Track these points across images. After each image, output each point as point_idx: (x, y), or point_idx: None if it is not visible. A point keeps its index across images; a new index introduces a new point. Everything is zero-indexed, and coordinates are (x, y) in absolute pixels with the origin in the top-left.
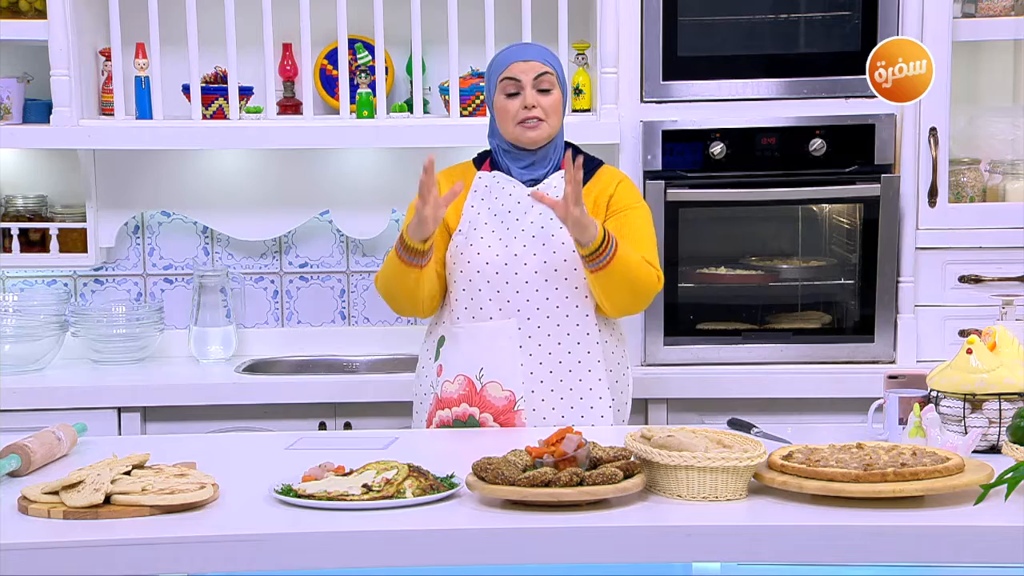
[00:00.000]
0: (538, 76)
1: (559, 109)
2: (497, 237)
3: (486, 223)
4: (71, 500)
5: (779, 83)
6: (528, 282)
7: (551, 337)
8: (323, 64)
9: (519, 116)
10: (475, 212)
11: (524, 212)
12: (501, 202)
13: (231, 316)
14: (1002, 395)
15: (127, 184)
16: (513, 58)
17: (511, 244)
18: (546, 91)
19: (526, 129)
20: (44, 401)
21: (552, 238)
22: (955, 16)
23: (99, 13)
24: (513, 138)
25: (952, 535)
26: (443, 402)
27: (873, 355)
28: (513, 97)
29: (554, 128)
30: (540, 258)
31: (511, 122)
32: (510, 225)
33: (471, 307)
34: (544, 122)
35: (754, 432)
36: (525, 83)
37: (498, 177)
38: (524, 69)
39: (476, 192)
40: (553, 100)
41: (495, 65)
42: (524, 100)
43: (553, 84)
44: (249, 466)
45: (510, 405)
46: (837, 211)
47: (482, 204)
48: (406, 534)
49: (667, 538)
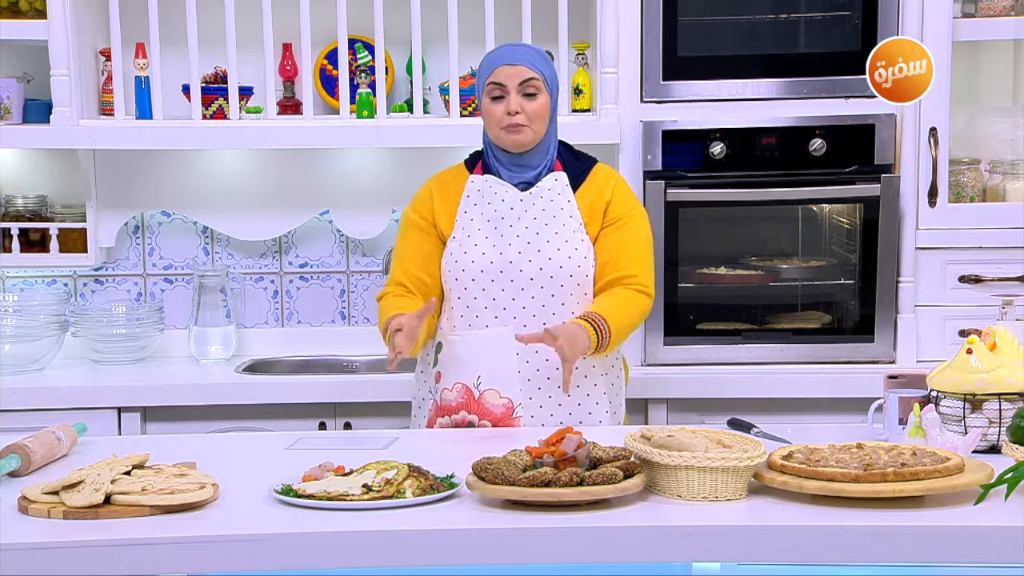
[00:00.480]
0: (523, 81)
1: (545, 114)
2: (491, 244)
3: (479, 229)
4: (71, 500)
5: (779, 83)
6: (524, 289)
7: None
8: (323, 64)
9: (503, 121)
10: (468, 218)
11: (518, 218)
12: (494, 207)
13: (231, 316)
14: (1002, 395)
15: (127, 184)
16: (500, 61)
17: (505, 251)
18: (531, 95)
19: (509, 133)
20: (44, 401)
21: (547, 244)
22: (955, 16)
23: (99, 13)
24: (497, 142)
25: (952, 535)
26: (442, 409)
27: (873, 355)
28: (498, 101)
29: (538, 133)
30: (535, 264)
31: (495, 126)
32: (504, 231)
33: (467, 315)
34: (527, 127)
35: (754, 432)
36: (510, 88)
37: (490, 181)
38: (510, 74)
39: (469, 197)
40: (538, 105)
41: (483, 67)
42: (508, 106)
43: (539, 89)
44: (249, 466)
45: (508, 412)
46: (837, 211)
47: (475, 209)
48: (406, 534)
49: (667, 538)
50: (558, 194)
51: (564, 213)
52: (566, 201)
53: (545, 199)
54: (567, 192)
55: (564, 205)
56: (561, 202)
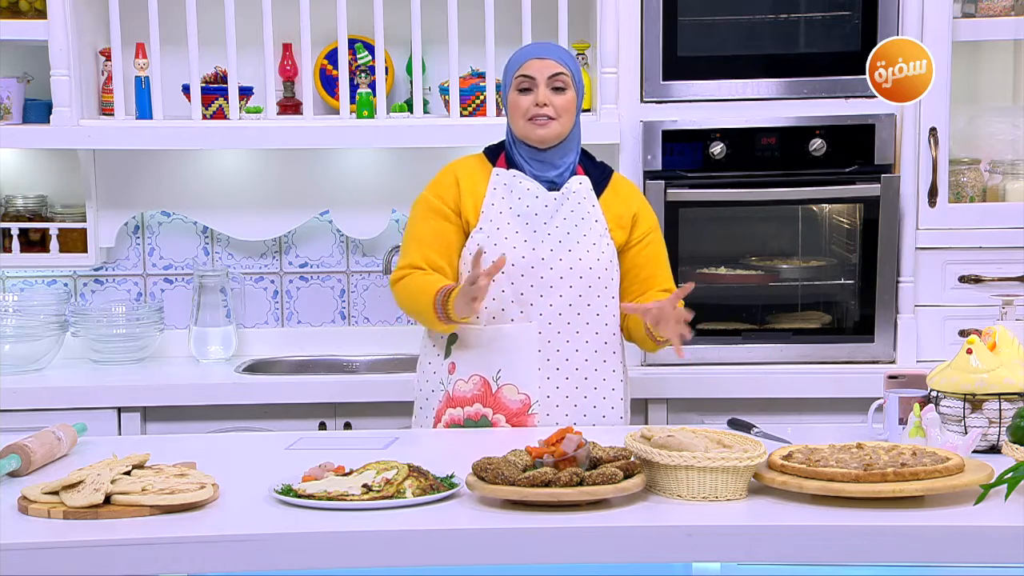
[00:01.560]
0: (553, 75)
1: (572, 109)
2: (522, 239)
3: (509, 223)
4: (71, 500)
5: (779, 83)
6: (552, 287)
7: (570, 343)
8: (323, 64)
9: (530, 112)
10: (496, 211)
11: (550, 216)
12: (525, 203)
13: (231, 316)
14: (1002, 395)
15: (127, 184)
16: (530, 55)
17: (538, 247)
18: (560, 90)
19: (536, 126)
20: (44, 401)
21: (577, 244)
22: (955, 16)
23: (99, 13)
24: (523, 134)
25: (952, 535)
26: (455, 400)
27: (873, 355)
28: (526, 93)
29: (565, 128)
30: (566, 263)
31: (522, 118)
32: (537, 228)
33: (492, 307)
34: (555, 120)
35: (754, 432)
36: (539, 81)
37: (517, 176)
38: (539, 67)
39: (496, 190)
40: (566, 100)
41: (512, 62)
42: (536, 97)
43: (568, 84)
44: (249, 466)
45: (524, 408)
46: (837, 211)
47: (503, 203)
48: (406, 534)
49: (667, 538)
50: (583, 198)
51: (591, 217)
52: (591, 205)
53: (573, 201)
54: (591, 196)
55: (590, 209)
56: (587, 206)
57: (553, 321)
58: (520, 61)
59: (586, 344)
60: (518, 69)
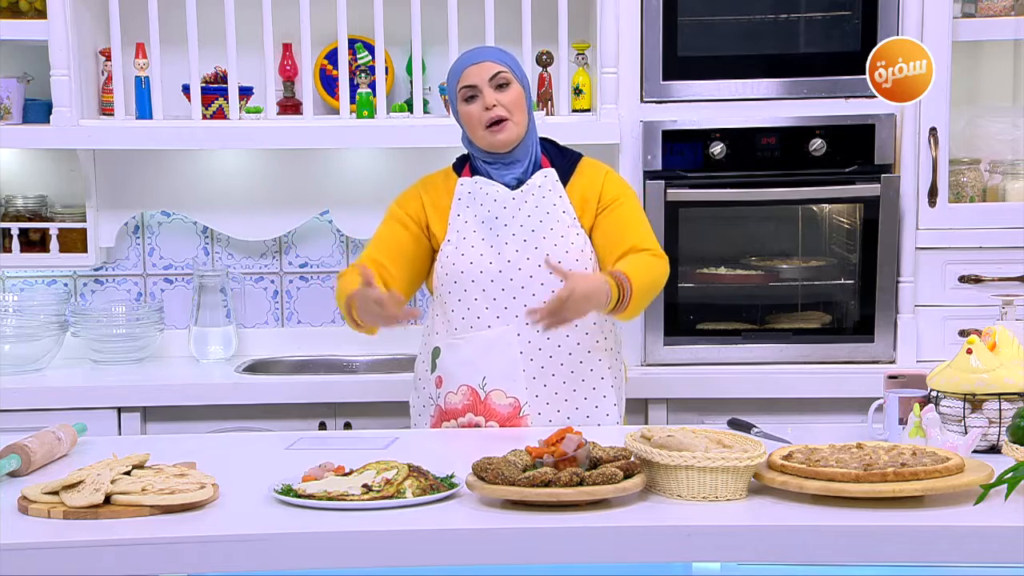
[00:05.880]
0: (493, 76)
1: (522, 104)
2: (488, 244)
3: (474, 231)
4: (71, 500)
5: (779, 83)
6: (524, 287)
7: (551, 340)
8: (323, 64)
9: (483, 119)
10: (462, 220)
11: (512, 216)
12: (487, 208)
13: (231, 316)
14: (1002, 395)
15: (127, 184)
16: (465, 64)
17: (503, 250)
18: (503, 86)
19: (495, 133)
20: (44, 401)
21: (544, 240)
22: (955, 16)
23: (99, 13)
24: (486, 144)
25: (952, 535)
26: (447, 414)
27: (873, 355)
28: (472, 101)
29: (521, 125)
30: (534, 262)
31: (479, 127)
32: (499, 231)
33: (468, 316)
34: (509, 120)
35: (754, 432)
36: (481, 85)
37: (480, 182)
38: (477, 72)
39: (460, 200)
40: (513, 95)
41: (451, 77)
42: (483, 101)
43: (510, 80)
44: (249, 466)
45: (515, 412)
46: (837, 211)
47: (468, 212)
48: (406, 534)
49: (667, 538)
50: (549, 190)
51: (557, 209)
52: (557, 197)
53: (536, 196)
54: (558, 188)
55: (556, 201)
56: (553, 198)
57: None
58: (458, 73)
59: (567, 339)
60: (458, 81)
